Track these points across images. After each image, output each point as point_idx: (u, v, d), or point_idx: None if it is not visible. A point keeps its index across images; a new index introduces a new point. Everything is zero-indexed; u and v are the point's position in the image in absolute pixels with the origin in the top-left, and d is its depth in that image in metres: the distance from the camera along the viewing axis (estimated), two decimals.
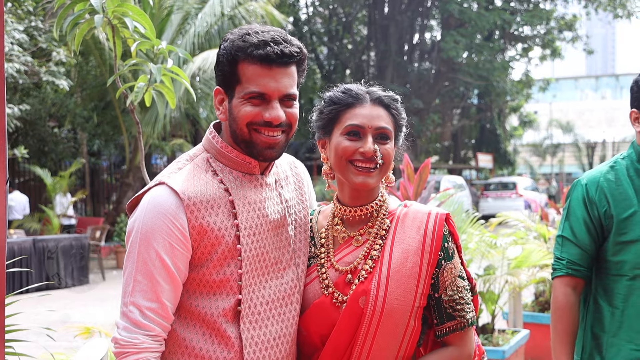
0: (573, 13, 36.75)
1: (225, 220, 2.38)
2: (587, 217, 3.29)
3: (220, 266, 2.36)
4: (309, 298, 2.53)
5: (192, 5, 18.81)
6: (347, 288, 2.48)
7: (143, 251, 2.30)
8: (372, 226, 2.57)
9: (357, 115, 2.50)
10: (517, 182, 35.61)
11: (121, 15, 3.65)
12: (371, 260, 2.50)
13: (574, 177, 52.30)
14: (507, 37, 34.94)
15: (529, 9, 34.23)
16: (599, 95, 73.20)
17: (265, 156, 2.43)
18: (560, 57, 36.51)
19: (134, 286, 2.29)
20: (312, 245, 2.63)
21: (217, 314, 2.37)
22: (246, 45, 2.36)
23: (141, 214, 2.33)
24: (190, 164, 2.46)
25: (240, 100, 2.38)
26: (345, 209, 2.58)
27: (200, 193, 2.36)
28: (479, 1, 32.10)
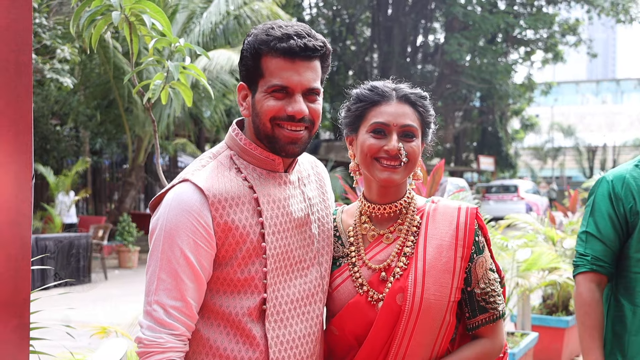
0: (576, 17, 36.79)
1: (250, 217, 2.34)
2: (613, 213, 3.27)
3: (245, 264, 2.33)
4: (343, 298, 2.51)
5: (198, 4, 18.80)
6: (382, 286, 2.47)
7: (167, 249, 2.27)
8: (402, 223, 2.56)
9: (382, 113, 2.50)
10: (518, 185, 35.60)
11: (139, 12, 3.63)
12: (404, 257, 2.49)
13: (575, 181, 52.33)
14: (510, 40, 34.98)
15: (532, 12, 34.28)
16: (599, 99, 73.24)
17: (287, 151, 2.39)
18: (563, 61, 36.54)
19: (157, 284, 2.26)
20: (340, 244, 2.61)
21: (242, 313, 2.34)
22: (269, 38, 2.34)
23: (165, 212, 2.30)
24: (213, 161, 2.43)
25: (263, 94, 2.36)
26: (373, 207, 2.57)
27: (224, 190, 2.33)
28: (482, 4, 32.13)
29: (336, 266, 2.57)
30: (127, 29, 3.68)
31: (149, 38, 3.72)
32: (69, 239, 15.25)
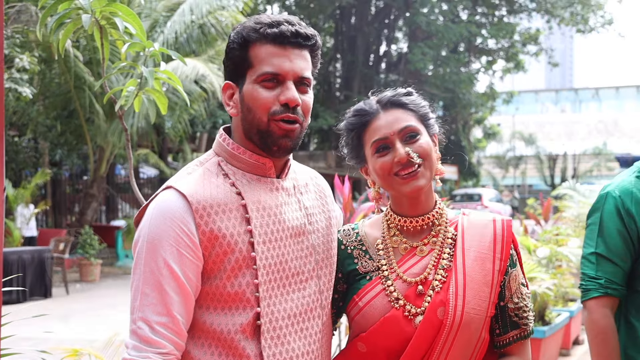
0: (537, 27, 37.12)
1: (238, 225, 2.19)
2: (624, 231, 3.06)
3: (234, 277, 2.16)
4: (376, 313, 2.37)
5: (161, 13, 18.56)
6: (419, 300, 2.36)
7: (150, 260, 2.11)
8: (436, 235, 2.45)
9: (376, 130, 2.41)
10: (482, 193, 35.79)
11: (110, 15, 3.44)
12: (442, 270, 2.39)
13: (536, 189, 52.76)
14: (472, 50, 35.18)
15: (494, 22, 34.50)
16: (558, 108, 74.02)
17: (280, 145, 2.23)
18: (524, 70, 36.86)
19: (141, 300, 2.10)
20: (368, 258, 2.46)
21: (235, 330, 2.17)
22: (259, 26, 2.23)
23: (147, 221, 2.16)
24: (200, 168, 2.29)
25: (252, 85, 2.22)
26: (404, 220, 2.44)
27: (210, 196, 2.19)
28: (445, 14, 32.28)
29: (366, 280, 2.44)
30: (97, 33, 3.49)
31: (121, 42, 3.53)
32: (30, 252, 14.91)
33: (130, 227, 20.91)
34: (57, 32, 3.48)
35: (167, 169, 24.09)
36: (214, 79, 17.62)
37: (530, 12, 35.52)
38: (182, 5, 18.45)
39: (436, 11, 32.70)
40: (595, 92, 74.22)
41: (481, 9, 34.85)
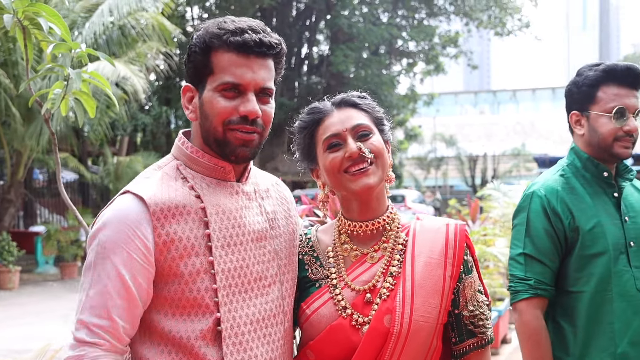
0: (456, 30, 37.60)
1: (196, 229, 2.15)
2: (551, 230, 3.09)
3: (192, 282, 2.12)
4: (323, 321, 2.33)
5: (79, 14, 18.14)
6: (367, 308, 2.32)
7: (99, 263, 2.09)
8: (386, 241, 2.41)
9: (328, 127, 2.39)
10: (405, 194, 36.04)
11: (34, 16, 3.31)
12: (391, 277, 2.35)
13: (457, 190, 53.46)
14: (393, 52, 35.42)
15: (414, 25, 34.81)
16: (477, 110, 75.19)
17: (238, 155, 2.21)
18: (444, 72, 37.29)
19: (85, 302, 2.08)
20: (318, 265, 2.43)
21: (195, 336, 2.12)
22: (222, 32, 2.19)
23: (101, 226, 2.13)
24: (158, 172, 2.26)
25: (212, 93, 2.19)
26: (354, 225, 2.41)
27: (168, 199, 2.16)
28: (366, 16, 32.45)
29: (315, 288, 2.40)
30: (20, 34, 3.37)
31: (45, 44, 3.41)
32: None
33: (50, 233, 20.43)
34: None
35: (87, 172, 23.65)
36: (136, 81, 17.34)
37: (449, 15, 35.93)
38: (101, 6, 18.07)
39: (357, 13, 32.85)
40: (512, 94, 75.71)
41: (401, 11, 35.12)
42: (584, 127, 3.18)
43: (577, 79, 3.22)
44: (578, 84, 3.20)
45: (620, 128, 3.08)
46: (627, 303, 3.04)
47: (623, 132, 3.09)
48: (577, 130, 3.21)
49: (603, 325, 3.04)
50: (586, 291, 3.06)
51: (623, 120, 3.09)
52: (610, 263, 3.04)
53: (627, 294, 3.04)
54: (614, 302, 3.03)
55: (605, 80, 3.14)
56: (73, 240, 20.49)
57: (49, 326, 12.38)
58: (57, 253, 20.57)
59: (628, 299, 3.04)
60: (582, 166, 3.19)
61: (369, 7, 33.15)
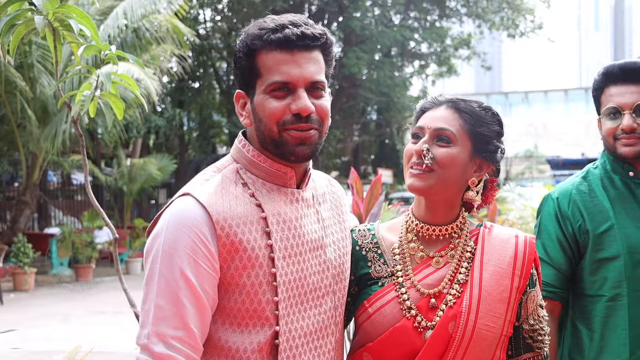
0: (468, 32, 37.54)
1: (259, 239, 2.09)
2: (561, 234, 3.08)
3: (254, 293, 2.06)
4: (386, 321, 2.29)
5: (94, 16, 18.19)
6: (431, 313, 2.28)
7: (165, 271, 1.99)
8: (454, 248, 2.36)
9: (424, 118, 2.36)
10: None
11: (64, 17, 3.33)
12: (458, 284, 2.31)
13: None
14: (406, 54, 35.39)
15: (426, 27, 34.78)
16: None
17: (297, 154, 2.14)
18: (456, 74, 37.22)
19: (155, 313, 1.97)
20: (382, 263, 2.38)
21: (252, 349, 2.06)
22: (262, 32, 2.12)
23: (162, 229, 2.04)
24: (218, 175, 2.17)
25: (262, 95, 2.13)
26: (423, 227, 2.37)
27: (229, 207, 2.07)
28: (378, 18, 32.44)
29: (378, 286, 2.34)
30: (50, 35, 3.38)
31: (75, 45, 3.43)
32: None
33: (64, 235, 20.49)
34: (7, 34, 3.37)
35: (101, 174, 23.71)
36: (149, 84, 17.37)
37: (461, 17, 35.88)
38: (116, 9, 18.11)
39: (369, 15, 32.84)
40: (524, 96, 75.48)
41: (413, 13, 35.09)
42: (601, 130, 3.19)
43: (592, 88, 3.25)
44: (593, 92, 3.24)
45: (617, 127, 3.07)
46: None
47: (620, 131, 3.07)
48: (600, 134, 3.21)
49: (618, 330, 3.01)
50: (601, 295, 3.04)
51: (617, 119, 3.07)
52: (624, 267, 3.00)
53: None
54: (630, 308, 3.00)
55: (605, 82, 3.14)
56: (87, 242, 20.53)
57: (67, 328, 12.43)
58: (71, 255, 20.63)
59: None
60: (610, 168, 3.17)
61: (381, 9, 33.15)
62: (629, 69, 3.11)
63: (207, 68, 32.64)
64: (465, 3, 34.66)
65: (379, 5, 33.25)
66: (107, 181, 24.07)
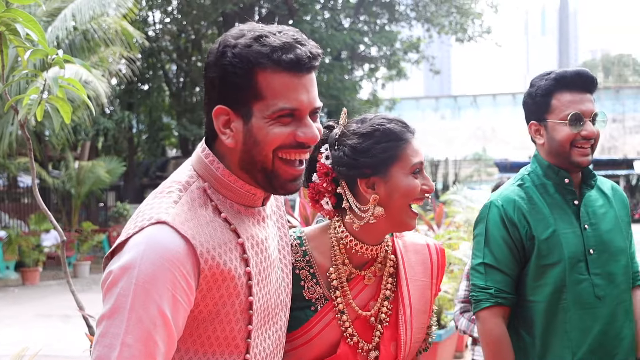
0: (417, 36, 37.80)
1: (239, 267, 1.94)
2: (509, 239, 3.13)
3: (227, 322, 1.93)
4: (324, 346, 2.27)
5: (41, 18, 17.99)
6: (368, 334, 2.30)
7: (139, 307, 1.77)
8: (381, 262, 2.37)
9: (417, 152, 2.30)
10: None
11: (11, 21, 3.33)
12: (387, 300, 2.33)
13: None
14: (355, 57, 35.53)
15: (376, 30, 34.95)
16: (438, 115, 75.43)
17: (287, 189, 1.98)
18: (405, 77, 37.46)
19: (121, 352, 1.74)
20: (314, 283, 2.31)
21: None
22: (267, 49, 1.88)
23: (136, 261, 1.79)
24: (185, 195, 1.95)
25: (264, 120, 1.90)
26: (362, 246, 2.31)
27: (210, 236, 1.89)
28: (328, 22, 32.53)
29: (312, 311, 2.29)
30: None
31: (22, 49, 3.43)
32: None
33: (10, 238, 20.21)
34: None
35: (48, 177, 23.42)
36: (98, 86, 17.23)
37: (410, 21, 36.11)
38: (64, 11, 17.92)
39: (319, 19, 32.92)
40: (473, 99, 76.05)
41: (363, 17, 35.23)
42: (544, 136, 3.21)
43: (531, 90, 3.24)
44: (532, 95, 3.23)
45: (578, 133, 3.11)
46: (584, 311, 3.08)
47: (580, 137, 3.11)
48: (537, 140, 3.24)
49: (559, 334, 3.08)
50: (541, 301, 3.11)
51: (579, 126, 3.11)
52: (564, 272, 3.08)
53: (584, 302, 3.09)
54: (570, 311, 3.08)
55: (557, 88, 3.15)
56: (34, 246, 20.29)
57: (13, 331, 12.29)
58: (18, 258, 20.35)
59: (586, 307, 3.09)
60: (543, 174, 3.23)
61: (331, 12, 33.24)
62: (585, 77, 3.17)
63: (157, 70, 32.45)
64: (415, 7, 34.91)
65: (329, 8, 33.36)
66: (55, 184, 23.78)
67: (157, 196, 1.96)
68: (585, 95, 3.16)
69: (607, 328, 3.10)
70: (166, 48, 33.25)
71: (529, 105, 3.27)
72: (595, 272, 3.11)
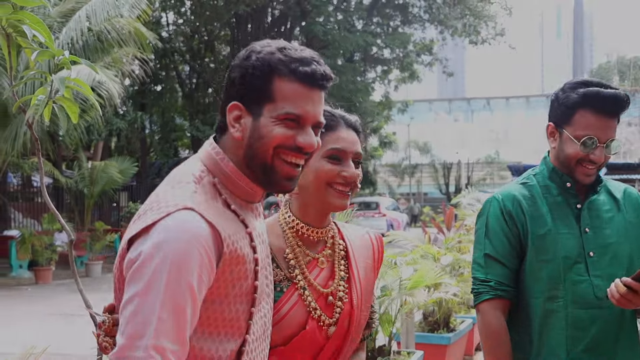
0: (430, 38, 37.81)
1: (249, 254, 2.12)
2: (508, 232, 3.18)
3: (233, 303, 2.08)
4: (295, 323, 2.46)
5: (55, 19, 18.10)
6: (329, 310, 2.50)
7: (172, 282, 1.91)
8: (330, 247, 2.58)
9: (339, 139, 2.49)
10: (379, 201, 36.18)
11: (18, 23, 3.38)
12: (342, 281, 2.53)
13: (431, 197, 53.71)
14: (368, 59, 35.56)
15: (389, 32, 34.97)
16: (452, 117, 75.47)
17: (281, 187, 2.16)
18: (418, 79, 37.48)
19: (157, 326, 1.88)
20: (275, 267, 2.50)
21: (225, 356, 2.09)
22: (288, 59, 2.09)
23: (169, 239, 1.94)
24: (200, 187, 2.12)
25: (272, 120, 2.09)
26: (311, 230, 2.54)
27: (227, 223, 2.07)
28: (341, 23, 32.56)
29: (279, 292, 2.48)
30: (3, 41, 3.43)
31: (29, 51, 3.48)
32: None
33: (24, 237, 20.34)
34: None
35: (61, 177, 23.57)
36: (111, 86, 17.32)
37: (424, 23, 36.13)
38: (78, 12, 18.05)
39: (332, 20, 32.97)
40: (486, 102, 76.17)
41: (376, 19, 35.28)
42: (557, 141, 3.21)
43: (560, 95, 3.20)
44: (559, 100, 3.19)
45: (587, 155, 3.09)
46: (584, 311, 3.10)
47: (588, 159, 3.10)
48: (550, 141, 3.25)
49: (555, 330, 3.11)
50: (537, 297, 3.14)
51: (591, 149, 3.09)
52: (559, 270, 3.11)
53: (584, 302, 3.11)
54: (567, 310, 3.10)
55: (584, 105, 3.10)
56: (47, 245, 20.40)
57: (26, 329, 12.38)
58: (31, 257, 20.48)
59: (585, 307, 3.10)
60: (548, 176, 3.26)
61: (344, 14, 33.31)
62: (617, 102, 3.11)
63: (170, 71, 32.60)
64: (428, 9, 34.90)
65: (341, 10, 33.41)
66: (68, 183, 23.93)
67: (176, 186, 2.12)
68: (610, 120, 3.11)
69: (605, 328, 3.13)
70: (179, 49, 33.39)
71: (554, 106, 3.25)
72: (596, 273, 3.13)
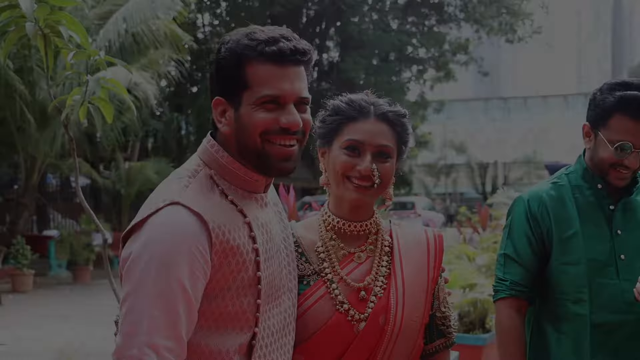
0: (466, 37, 37.58)
1: (247, 243, 2.09)
2: (531, 234, 3.15)
3: (237, 296, 2.07)
4: (320, 317, 2.36)
5: (93, 21, 18.30)
6: (362, 305, 2.38)
7: (160, 280, 1.92)
8: (372, 243, 2.48)
9: (358, 130, 2.39)
10: (415, 201, 36.01)
11: (55, 24, 3.42)
12: (382, 277, 2.42)
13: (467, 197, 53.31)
14: (403, 59, 35.45)
15: (424, 32, 34.84)
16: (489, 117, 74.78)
17: (280, 170, 2.15)
18: (454, 79, 37.25)
19: (150, 323, 1.89)
20: (304, 262, 2.44)
21: (233, 350, 2.08)
22: (254, 42, 2.08)
23: (155, 237, 1.96)
24: (194, 181, 2.11)
25: (251, 107, 2.08)
26: (344, 223, 2.46)
27: (219, 214, 2.05)
28: (376, 23, 32.51)
29: (304, 285, 2.40)
30: (41, 42, 3.46)
31: (65, 51, 3.51)
32: None
33: (63, 237, 20.56)
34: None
35: (99, 178, 23.76)
36: (147, 87, 17.46)
37: (459, 22, 35.94)
38: (115, 14, 18.26)
39: (367, 20, 32.92)
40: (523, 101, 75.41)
41: (411, 18, 35.17)
42: (592, 142, 3.16)
43: (598, 96, 3.13)
44: (596, 101, 3.13)
45: (621, 160, 3.03)
46: (612, 315, 3.06)
47: (622, 164, 3.05)
48: (585, 142, 3.20)
49: (578, 334, 3.08)
50: (562, 299, 3.12)
51: (625, 154, 3.03)
52: (584, 273, 3.07)
53: (612, 306, 3.06)
54: (594, 313, 3.06)
55: (620, 109, 3.03)
56: (86, 244, 20.62)
57: (64, 328, 12.49)
58: (69, 257, 20.70)
59: (614, 311, 3.06)
60: (581, 175, 3.21)
61: (379, 14, 33.24)
62: None
63: (206, 72, 32.69)
64: (463, 8, 34.72)
65: (376, 10, 33.34)
66: (105, 184, 24.12)
67: (171, 181, 2.13)
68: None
69: (632, 335, 3.07)
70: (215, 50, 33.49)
71: (591, 107, 3.18)
72: (627, 277, 3.07)
